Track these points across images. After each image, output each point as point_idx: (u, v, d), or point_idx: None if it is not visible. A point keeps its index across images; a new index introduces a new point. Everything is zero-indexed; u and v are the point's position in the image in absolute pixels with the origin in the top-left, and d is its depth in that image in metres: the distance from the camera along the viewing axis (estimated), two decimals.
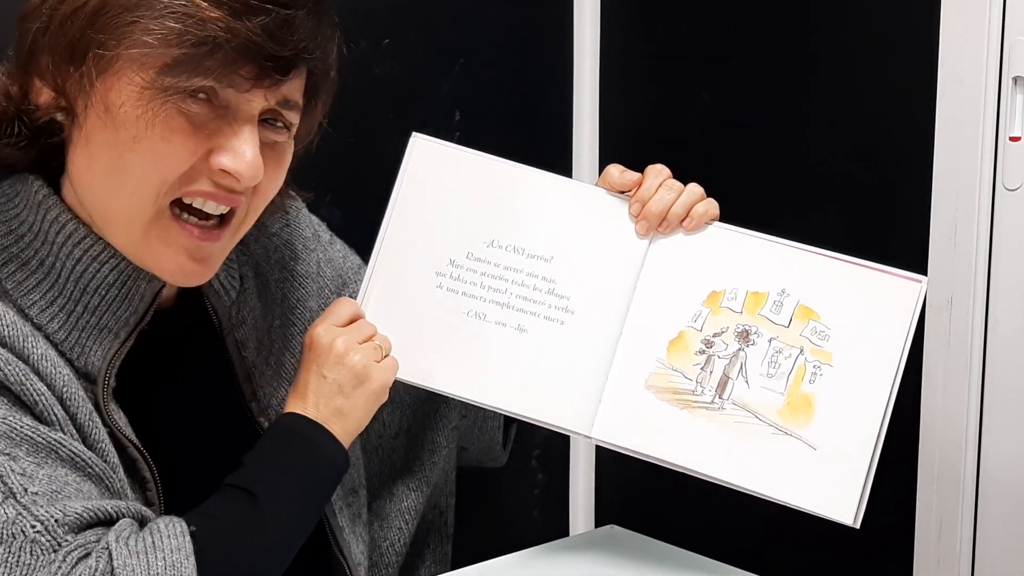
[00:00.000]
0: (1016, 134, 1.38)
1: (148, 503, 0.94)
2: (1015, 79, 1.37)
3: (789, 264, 1.07)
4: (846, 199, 1.59)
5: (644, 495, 1.89)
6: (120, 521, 0.87)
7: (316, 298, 1.13)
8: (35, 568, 0.82)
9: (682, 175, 1.11)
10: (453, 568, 1.16)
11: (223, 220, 0.95)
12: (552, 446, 1.94)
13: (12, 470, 0.83)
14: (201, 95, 0.90)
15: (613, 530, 1.23)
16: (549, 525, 1.95)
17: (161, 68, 0.88)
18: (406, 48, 1.66)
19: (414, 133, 1.13)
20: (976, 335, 1.44)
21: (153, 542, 0.85)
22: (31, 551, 0.82)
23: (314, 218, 1.18)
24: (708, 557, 1.15)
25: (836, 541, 1.62)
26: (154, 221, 0.92)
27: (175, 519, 0.89)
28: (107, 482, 0.89)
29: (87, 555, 0.83)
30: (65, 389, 0.89)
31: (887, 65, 1.51)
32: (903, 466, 1.51)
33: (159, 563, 0.84)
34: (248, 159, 0.92)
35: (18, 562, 0.81)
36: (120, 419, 0.93)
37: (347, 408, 1.01)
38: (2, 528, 0.82)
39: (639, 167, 1.11)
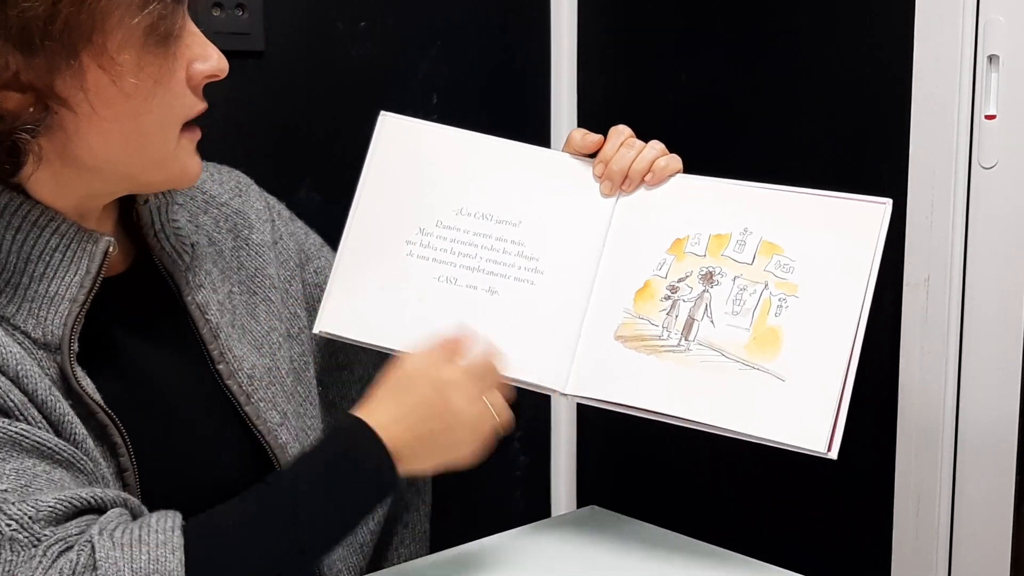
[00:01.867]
0: (991, 112, 1.38)
1: (121, 469, 0.93)
2: (990, 57, 1.38)
3: (751, 203, 1.07)
4: (822, 178, 1.59)
5: (624, 476, 1.90)
6: (109, 512, 0.86)
7: (275, 266, 1.13)
8: (16, 564, 0.80)
9: None
10: (435, 549, 1.17)
11: None
12: (534, 429, 1.94)
13: None
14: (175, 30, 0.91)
15: (594, 510, 1.24)
16: (531, 506, 1.96)
17: (148, 28, 0.88)
18: (383, 30, 1.65)
19: (382, 112, 1.15)
20: (953, 313, 1.44)
21: (140, 535, 0.84)
22: (11, 548, 0.81)
23: (269, 195, 1.19)
24: (686, 535, 1.15)
25: (815, 518, 1.63)
26: (178, 146, 0.95)
27: (170, 513, 0.87)
28: (78, 465, 0.88)
29: (68, 548, 0.82)
30: (19, 367, 0.87)
31: (863, 44, 1.51)
32: (882, 442, 1.52)
33: (143, 557, 0.83)
34: (216, 52, 0.95)
35: None
36: (88, 385, 0.91)
37: (426, 455, 0.98)
38: None
39: None
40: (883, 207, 1.04)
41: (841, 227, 1.04)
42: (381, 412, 0.97)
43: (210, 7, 1.45)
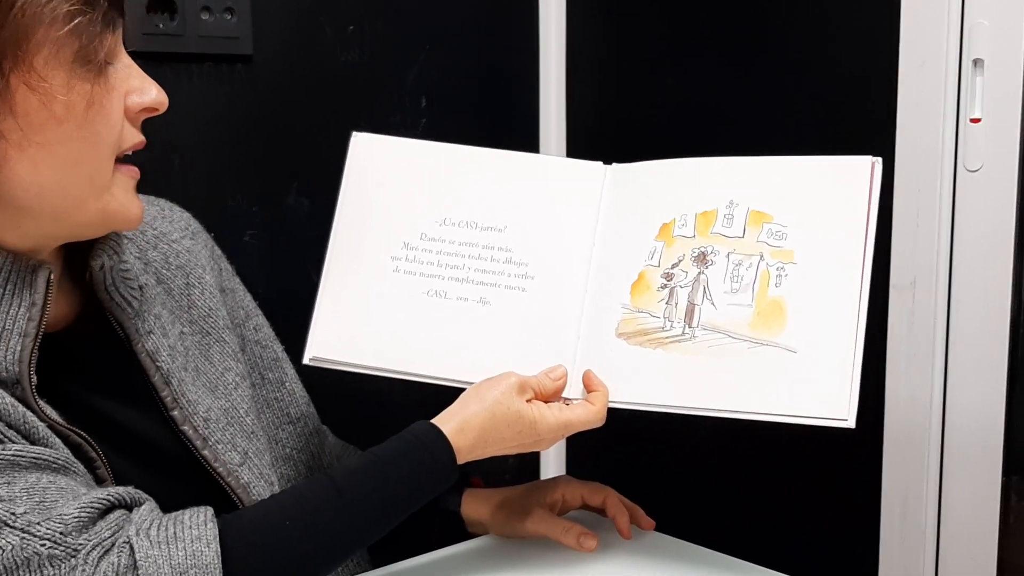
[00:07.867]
0: (976, 116, 1.39)
1: (99, 480, 0.93)
2: (975, 61, 1.38)
3: (732, 175, 1.04)
4: None
5: (613, 478, 1.90)
6: (141, 508, 0.87)
7: (224, 311, 1.12)
8: None
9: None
10: (424, 551, 1.17)
11: None
12: None
13: None
14: (105, 55, 0.89)
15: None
16: None
17: (78, 49, 0.87)
18: (371, 35, 1.65)
19: (354, 132, 1.14)
20: (939, 315, 1.45)
21: (175, 532, 0.85)
22: (51, 564, 0.81)
23: (215, 246, 1.18)
24: (674, 537, 1.16)
25: (802, 520, 1.64)
26: (112, 182, 0.93)
27: (203, 508, 0.88)
28: (73, 468, 0.88)
29: (107, 552, 0.83)
30: None
31: (848, 47, 1.52)
32: (868, 446, 1.53)
33: (180, 553, 0.84)
34: (156, 87, 0.94)
35: None
36: (52, 412, 0.90)
37: (496, 451, 1.04)
38: (13, 555, 0.80)
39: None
40: (869, 161, 1.00)
41: (828, 187, 1.01)
42: (449, 419, 1.01)
43: (199, 11, 1.45)
